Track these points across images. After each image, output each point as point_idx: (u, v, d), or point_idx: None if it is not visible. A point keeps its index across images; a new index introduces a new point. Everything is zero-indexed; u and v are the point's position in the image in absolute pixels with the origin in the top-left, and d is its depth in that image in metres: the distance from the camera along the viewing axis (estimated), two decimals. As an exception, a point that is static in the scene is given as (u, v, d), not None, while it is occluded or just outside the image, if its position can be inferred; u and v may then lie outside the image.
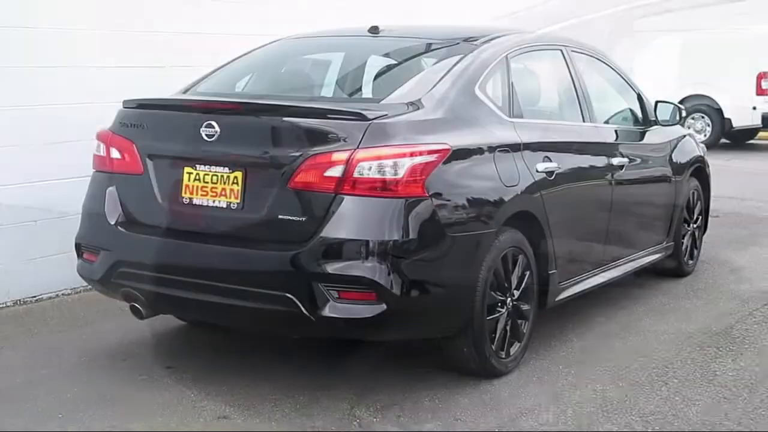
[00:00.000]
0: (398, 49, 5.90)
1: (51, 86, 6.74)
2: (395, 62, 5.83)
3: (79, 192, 6.75)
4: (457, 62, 5.37)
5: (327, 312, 4.63)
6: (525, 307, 5.47)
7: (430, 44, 5.88)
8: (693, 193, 7.58)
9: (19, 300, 6.71)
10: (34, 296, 6.79)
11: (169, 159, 5.08)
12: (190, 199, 4.99)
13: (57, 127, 6.75)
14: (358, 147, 4.66)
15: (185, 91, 5.71)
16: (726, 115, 16.96)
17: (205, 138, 4.91)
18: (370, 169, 4.64)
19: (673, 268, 7.45)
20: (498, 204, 5.17)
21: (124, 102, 5.35)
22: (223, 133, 4.87)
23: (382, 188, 4.64)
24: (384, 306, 4.61)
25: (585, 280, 6.17)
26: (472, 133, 5.17)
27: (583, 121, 6.33)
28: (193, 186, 4.98)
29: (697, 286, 7.31)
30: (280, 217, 4.74)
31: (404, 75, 5.51)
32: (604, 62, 6.87)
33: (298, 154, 4.72)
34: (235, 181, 4.87)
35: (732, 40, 16.78)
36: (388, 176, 4.64)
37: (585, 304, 6.49)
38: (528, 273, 5.46)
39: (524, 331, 5.50)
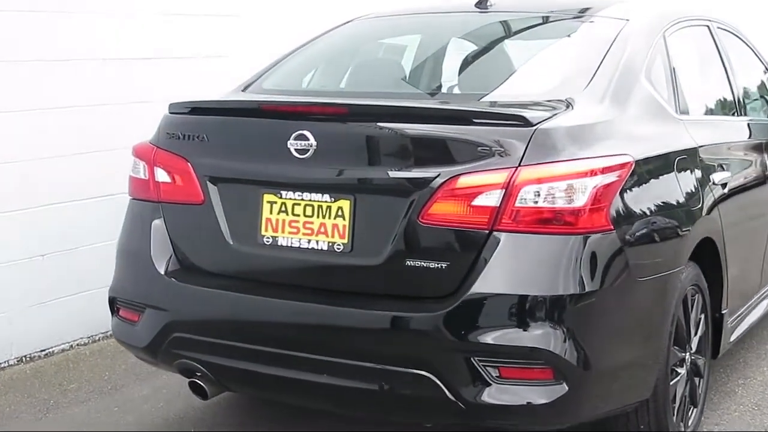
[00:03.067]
0: (522, 29, 4.53)
1: (69, 84, 5.35)
2: (523, 45, 4.44)
3: (98, 215, 5.48)
4: (612, 44, 4.01)
5: (483, 397, 3.29)
6: (700, 360, 4.18)
7: (561, 21, 4.51)
8: None
9: (26, 356, 5.33)
10: (44, 349, 5.42)
11: (241, 184, 3.71)
12: (274, 238, 3.62)
13: (75, 136, 5.38)
14: (520, 164, 3.31)
15: (245, 88, 4.31)
16: None
17: (295, 154, 3.54)
18: (538, 194, 3.30)
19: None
20: (685, 232, 3.86)
21: (172, 106, 3.95)
22: (321, 147, 3.51)
23: (554, 221, 3.31)
24: (565, 387, 3.28)
25: (749, 314, 4.88)
26: (647, 138, 3.84)
27: (738, 114, 5.01)
28: (277, 220, 3.61)
29: None
30: (408, 263, 3.39)
31: (543, 63, 4.15)
32: (744, 41, 5.53)
33: (432, 175, 3.36)
34: (340, 213, 3.51)
35: None
36: (563, 204, 3.30)
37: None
38: (702, 316, 4.16)
39: (700, 391, 4.20)
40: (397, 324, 3.40)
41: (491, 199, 3.31)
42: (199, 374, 3.79)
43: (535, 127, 3.34)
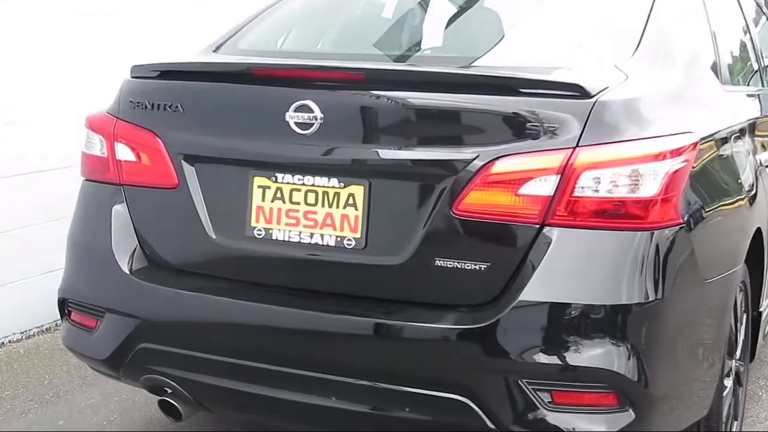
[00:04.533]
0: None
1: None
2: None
3: (27, 194, 4.75)
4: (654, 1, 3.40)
5: (532, 427, 2.69)
6: (742, 368, 3.67)
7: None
8: None
9: (-51, 357, 4.58)
10: (-31, 349, 4.67)
11: (225, 164, 3.04)
12: (267, 231, 2.97)
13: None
14: (578, 144, 2.71)
15: (217, 49, 3.62)
16: None
17: (296, 129, 2.89)
18: (598, 181, 2.70)
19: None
20: (744, 223, 3.32)
21: (135, 69, 3.26)
22: (328, 121, 2.86)
23: (619, 214, 2.71)
24: (631, 414, 2.72)
25: None
26: (704, 112, 3.27)
27: (763, 84, 4.49)
28: (271, 209, 2.96)
29: None
30: (437, 263, 2.78)
31: (574, 21, 3.52)
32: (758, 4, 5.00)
33: (469, 156, 2.74)
34: (352, 201, 2.87)
35: None
36: (628, 193, 2.71)
37: None
38: (745, 317, 3.64)
39: (741, 401, 3.70)
40: (424, 337, 2.79)
41: (543, 187, 2.71)
42: (170, 392, 3.13)
43: (594, 99, 2.74)
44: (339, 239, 2.90)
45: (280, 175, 2.95)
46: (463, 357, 2.74)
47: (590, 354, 2.68)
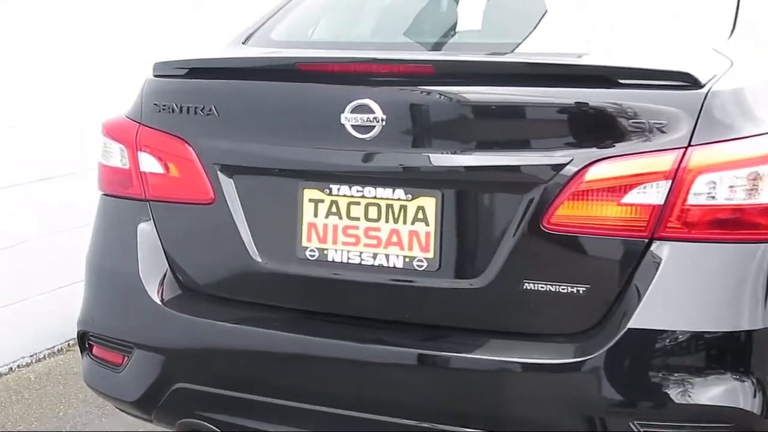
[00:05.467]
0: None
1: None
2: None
3: (38, 203, 4.34)
4: None
5: (645, 476, 2.30)
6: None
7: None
8: None
9: (-47, 388, 4.17)
10: (-26, 377, 4.26)
11: (270, 175, 2.63)
12: (321, 251, 2.56)
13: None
14: (690, 143, 2.29)
15: (246, 40, 3.19)
16: None
17: (353, 132, 2.48)
18: (714, 186, 2.29)
19: None
20: None
21: (158, 66, 2.84)
22: (391, 123, 2.45)
23: (738, 224, 2.32)
24: (755, 454, 2.31)
25: None
26: None
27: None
28: (325, 226, 2.55)
29: None
30: (526, 287, 2.37)
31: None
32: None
33: (561, 161, 2.34)
34: (422, 215, 2.46)
35: None
36: (747, 200, 2.30)
37: None
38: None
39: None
40: (514, 373, 2.38)
41: (651, 195, 2.30)
42: (212, 437, 2.73)
43: (706, 90, 2.33)
44: (407, 260, 2.49)
45: (335, 187, 2.55)
46: (561, 396, 2.34)
47: (713, 390, 2.28)
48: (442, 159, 2.44)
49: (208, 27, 4.84)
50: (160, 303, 2.73)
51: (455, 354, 2.42)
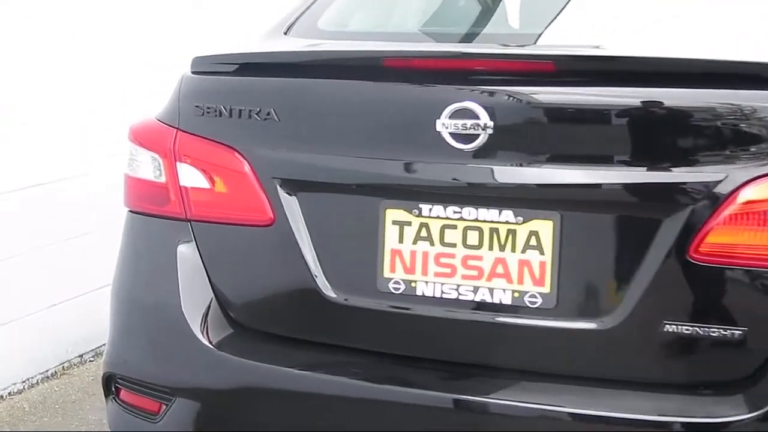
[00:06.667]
0: None
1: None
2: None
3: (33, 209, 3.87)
4: None
5: None
6: None
7: None
8: None
9: (-65, 423, 3.70)
10: (-37, 407, 3.78)
11: (344, 192, 2.20)
12: (407, 284, 2.14)
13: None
14: None
15: (288, 30, 2.73)
16: None
17: (452, 142, 2.05)
18: None
19: None
20: None
21: (198, 62, 2.38)
22: (499, 131, 2.03)
23: None
24: None
25: None
26: None
27: None
28: (413, 254, 2.13)
29: None
30: (667, 328, 1.96)
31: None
32: None
33: (710, 178, 1.93)
34: (535, 242, 2.05)
35: None
36: None
37: None
38: None
39: None
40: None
41: None
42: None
43: None
44: (517, 295, 2.07)
45: (425, 207, 2.12)
46: None
47: None
48: (562, 174, 2.03)
49: (209, 27, 4.42)
50: (207, 343, 2.29)
51: (578, 411, 2.01)
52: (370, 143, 2.16)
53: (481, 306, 2.10)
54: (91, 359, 4.28)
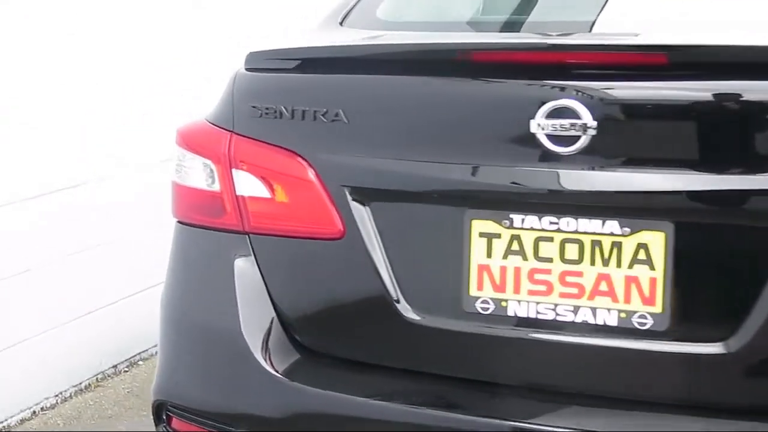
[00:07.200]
0: None
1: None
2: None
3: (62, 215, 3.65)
4: None
5: None
6: None
7: None
8: None
9: (-35, 442, 3.51)
10: (-6, 424, 3.59)
11: (423, 201, 1.97)
12: (497, 303, 1.91)
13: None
14: None
15: (343, 21, 2.50)
16: None
17: (548, 144, 1.83)
18: None
19: None
20: None
21: (253, 57, 2.15)
22: (604, 132, 1.79)
23: None
24: None
25: None
26: None
27: None
28: (503, 270, 1.91)
29: None
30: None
31: None
32: None
33: None
34: (644, 255, 1.82)
35: None
36: None
37: None
38: None
39: None
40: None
41: None
42: None
43: None
44: (624, 316, 1.85)
45: (517, 217, 1.89)
46: None
47: None
48: (676, 180, 1.79)
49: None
50: (271, 369, 2.07)
51: None
52: (453, 147, 1.93)
53: (583, 328, 1.88)
54: (126, 369, 4.08)
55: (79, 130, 3.75)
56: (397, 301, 1.98)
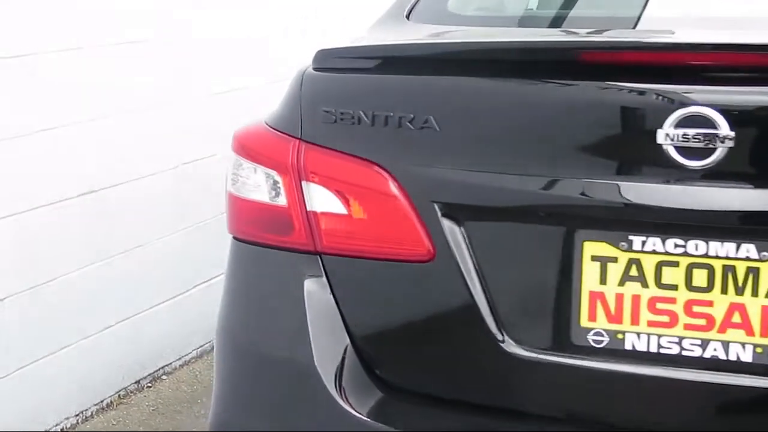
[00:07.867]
0: None
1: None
2: None
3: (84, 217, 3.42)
4: None
5: None
6: None
7: None
8: None
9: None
10: (8, 448, 3.35)
11: (526, 221, 1.74)
12: (613, 335, 1.69)
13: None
14: None
15: (409, 14, 2.27)
16: None
17: (677, 157, 1.61)
18: None
19: None
20: None
21: (322, 55, 1.91)
22: (743, 144, 1.58)
23: None
24: None
25: None
26: None
27: None
28: (619, 298, 1.70)
29: None
30: None
31: None
32: None
33: None
34: (790, 285, 1.58)
35: None
36: None
37: None
38: None
39: None
40: None
41: None
42: None
43: None
44: (760, 351, 1.64)
45: (637, 239, 1.67)
46: None
47: None
48: None
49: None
50: (348, 407, 1.85)
51: None
52: (562, 159, 1.71)
53: (713, 364, 1.67)
54: (149, 385, 3.85)
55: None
56: (496, 332, 1.76)
